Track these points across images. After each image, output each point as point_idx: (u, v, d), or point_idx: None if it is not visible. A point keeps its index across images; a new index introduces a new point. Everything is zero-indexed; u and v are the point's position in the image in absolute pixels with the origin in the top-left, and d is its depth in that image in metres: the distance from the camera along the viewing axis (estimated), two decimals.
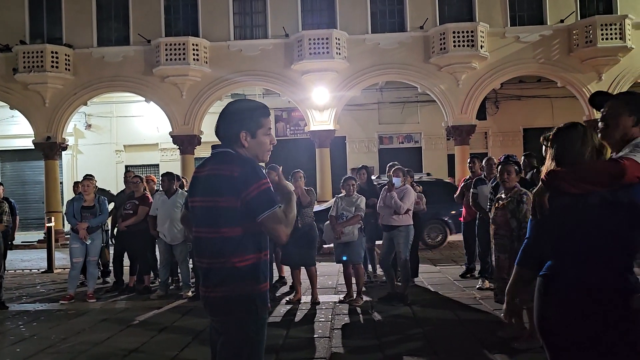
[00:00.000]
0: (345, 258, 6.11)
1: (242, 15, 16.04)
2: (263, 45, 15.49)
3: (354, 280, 6.20)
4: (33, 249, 14.31)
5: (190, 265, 7.11)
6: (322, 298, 6.35)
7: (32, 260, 11.90)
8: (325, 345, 4.58)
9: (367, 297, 6.34)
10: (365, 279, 6.90)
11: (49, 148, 15.50)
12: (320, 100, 15.19)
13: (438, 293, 6.59)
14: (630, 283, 1.93)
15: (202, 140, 15.70)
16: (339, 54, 14.92)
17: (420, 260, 7.84)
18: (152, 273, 7.67)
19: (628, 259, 1.98)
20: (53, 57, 15.01)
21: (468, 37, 14.70)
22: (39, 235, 15.54)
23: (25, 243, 14.87)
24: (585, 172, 1.97)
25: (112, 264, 7.96)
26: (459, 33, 14.68)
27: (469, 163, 7.56)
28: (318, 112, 15.39)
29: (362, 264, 6.32)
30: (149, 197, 7.44)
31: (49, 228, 9.92)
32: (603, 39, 14.53)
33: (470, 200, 6.74)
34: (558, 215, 2.01)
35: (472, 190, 6.70)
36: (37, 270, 10.01)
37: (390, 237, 6.09)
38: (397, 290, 6.18)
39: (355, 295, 6.15)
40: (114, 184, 16.13)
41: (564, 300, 1.98)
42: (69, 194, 13.20)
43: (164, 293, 6.97)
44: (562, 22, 15.25)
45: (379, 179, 10.73)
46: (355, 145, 18.50)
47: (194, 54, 14.96)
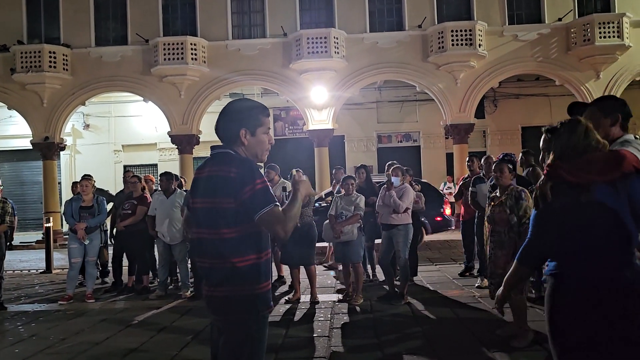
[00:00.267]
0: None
1: (240, 15, 16.02)
2: (261, 45, 15.47)
3: (353, 279, 6.21)
4: (31, 250, 14.30)
5: (189, 265, 7.11)
6: (321, 297, 6.35)
7: (30, 261, 11.88)
8: (325, 345, 4.59)
9: (366, 296, 6.35)
10: (364, 278, 6.90)
11: (47, 148, 15.47)
12: (319, 100, 15.18)
13: (437, 292, 6.59)
14: (633, 277, 1.98)
15: (200, 140, 15.67)
16: (338, 53, 14.91)
17: (419, 259, 7.85)
18: (151, 273, 7.67)
19: (629, 255, 2.02)
20: (51, 57, 14.97)
21: (466, 35, 14.69)
22: (38, 236, 15.50)
23: (24, 243, 14.86)
24: (586, 162, 2.04)
25: (111, 264, 7.95)
26: (457, 32, 14.67)
27: (468, 162, 7.55)
28: (316, 111, 15.38)
29: (361, 263, 6.33)
30: (148, 197, 7.43)
31: (48, 228, 9.89)
32: (601, 37, 14.54)
33: (469, 199, 6.73)
34: (559, 215, 2.05)
35: (470, 189, 6.69)
36: (35, 271, 10.00)
37: (390, 236, 6.09)
38: (396, 289, 6.19)
39: (355, 294, 6.16)
40: (113, 184, 16.13)
41: (573, 300, 2.01)
42: (68, 194, 13.17)
43: (163, 293, 6.97)
44: (560, 20, 15.26)
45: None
46: (354, 144, 18.50)
47: (192, 54, 14.94)
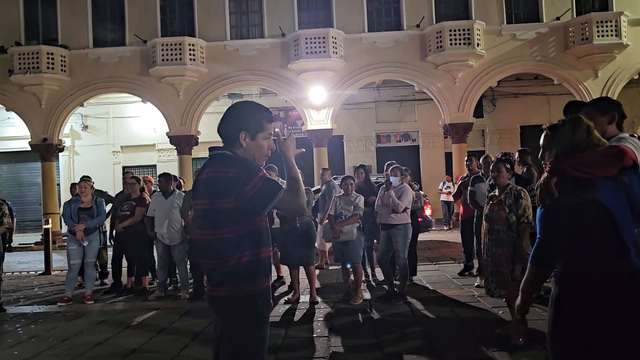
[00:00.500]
0: (349, 265, 6.16)
1: (238, 15, 16.02)
2: (260, 45, 15.47)
3: (352, 279, 6.21)
4: (30, 251, 14.29)
5: (188, 266, 7.11)
6: (320, 297, 6.35)
7: (29, 262, 11.86)
8: (325, 345, 4.59)
9: (365, 295, 6.35)
10: (364, 278, 6.90)
11: (46, 149, 15.46)
12: (318, 100, 15.18)
13: (436, 291, 6.59)
14: (633, 274, 1.99)
15: (199, 141, 15.65)
16: (336, 53, 14.91)
17: (419, 259, 7.85)
18: (150, 274, 7.66)
19: (629, 252, 2.03)
20: (49, 58, 14.96)
21: (464, 35, 14.70)
22: (37, 237, 15.48)
23: (23, 245, 14.84)
24: (589, 157, 2.07)
25: (110, 266, 7.94)
26: (456, 31, 14.68)
27: (466, 161, 7.54)
28: (315, 111, 15.38)
29: (360, 263, 6.33)
30: (147, 198, 7.42)
31: (46, 230, 9.88)
32: (599, 36, 14.56)
33: (468, 199, 6.73)
34: (565, 212, 2.06)
35: (469, 188, 6.69)
36: (34, 272, 9.98)
37: (389, 235, 6.09)
38: (395, 289, 6.18)
39: (354, 294, 6.16)
40: (112, 185, 16.14)
41: (578, 299, 2.02)
42: (66, 196, 13.14)
43: (162, 294, 6.96)
44: (558, 19, 15.28)
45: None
46: (353, 144, 18.50)
47: (191, 54, 14.94)
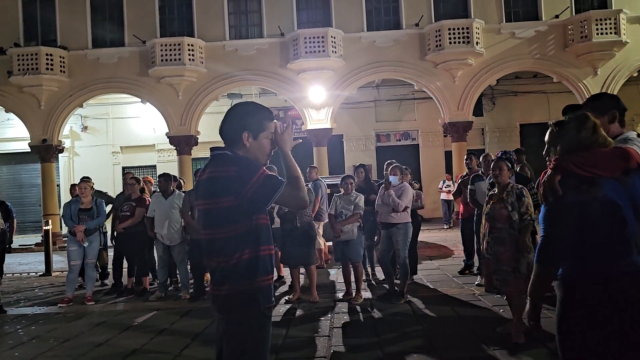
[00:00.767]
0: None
1: (237, 15, 16.01)
2: (259, 45, 15.46)
3: (353, 278, 6.21)
4: (31, 252, 14.27)
5: (189, 267, 7.10)
6: (321, 297, 6.35)
7: (30, 264, 11.86)
8: (325, 344, 4.59)
9: (366, 295, 6.35)
10: (364, 277, 6.90)
11: (45, 151, 15.45)
12: (317, 99, 15.18)
13: (437, 290, 6.59)
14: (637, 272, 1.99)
15: (199, 141, 15.65)
16: (335, 53, 14.90)
17: (419, 257, 7.86)
18: (150, 274, 7.66)
19: (633, 250, 2.03)
20: (48, 59, 14.94)
21: (463, 33, 14.69)
22: (37, 239, 15.48)
23: (23, 246, 14.83)
24: (594, 156, 2.06)
25: (111, 266, 7.93)
26: (455, 30, 14.67)
27: (466, 159, 7.53)
28: (315, 110, 15.37)
29: (361, 262, 6.33)
30: (147, 198, 7.42)
31: (47, 231, 9.88)
32: (598, 34, 14.55)
33: (468, 197, 6.73)
34: (569, 210, 2.05)
35: (469, 187, 6.69)
36: (35, 274, 9.99)
37: (389, 234, 6.09)
38: (396, 288, 6.19)
39: (355, 294, 6.16)
40: (111, 186, 16.12)
41: (581, 300, 2.01)
42: (66, 197, 13.14)
43: (163, 294, 6.96)
44: (557, 17, 15.27)
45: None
46: (353, 144, 18.48)
47: (190, 54, 14.93)
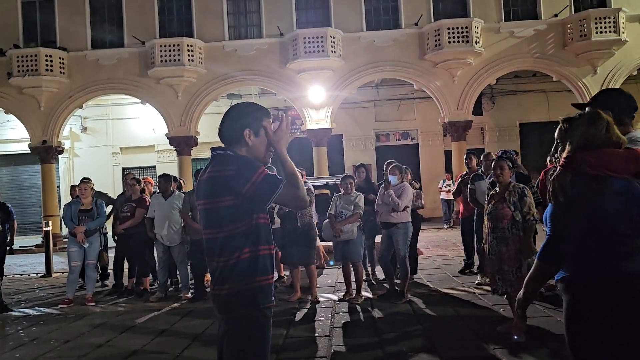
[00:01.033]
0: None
1: (236, 15, 16.02)
2: (258, 45, 15.47)
3: (354, 278, 6.22)
4: (31, 254, 14.28)
5: (189, 267, 7.11)
6: (321, 297, 6.35)
7: (30, 265, 11.86)
8: (326, 344, 4.59)
9: (366, 294, 6.35)
10: (364, 277, 6.90)
11: (45, 152, 15.46)
12: (316, 99, 15.19)
13: (437, 289, 6.59)
14: None
15: (198, 141, 15.66)
16: (334, 52, 14.90)
17: (419, 257, 7.86)
18: (151, 275, 7.66)
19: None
20: (47, 60, 14.96)
21: (463, 33, 14.70)
22: (37, 240, 15.49)
23: (23, 248, 14.82)
24: (605, 156, 2.03)
25: (111, 267, 7.93)
26: (454, 29, 14.69)
27: (465, 159, 7.53)
28: (314, 110, 15.38)
29: (361, 262, 6.33)
30: (147, 199, 7.43)
31: (47, 232, 9.89)
32: (597, 33, 14.56)
33: (468, 197, 6.73)
34: (579, 209, 2.02)
35: (469, 186, 6.69)
36: (35, 275, 9.99)
37: (389, 234, 6.09)
38: (396, 287, 6.19)
39: (355, 293, 6.16)
40: (111, 187, 16.14)
41: (588, 303, 1.99)
42: (66, 198, 13.15)
43: (163, 295, 6.96)
44: (556, 16, 15.28)
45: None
46: (352, 143, 18.49)
47: (189, 55, 14.93)
